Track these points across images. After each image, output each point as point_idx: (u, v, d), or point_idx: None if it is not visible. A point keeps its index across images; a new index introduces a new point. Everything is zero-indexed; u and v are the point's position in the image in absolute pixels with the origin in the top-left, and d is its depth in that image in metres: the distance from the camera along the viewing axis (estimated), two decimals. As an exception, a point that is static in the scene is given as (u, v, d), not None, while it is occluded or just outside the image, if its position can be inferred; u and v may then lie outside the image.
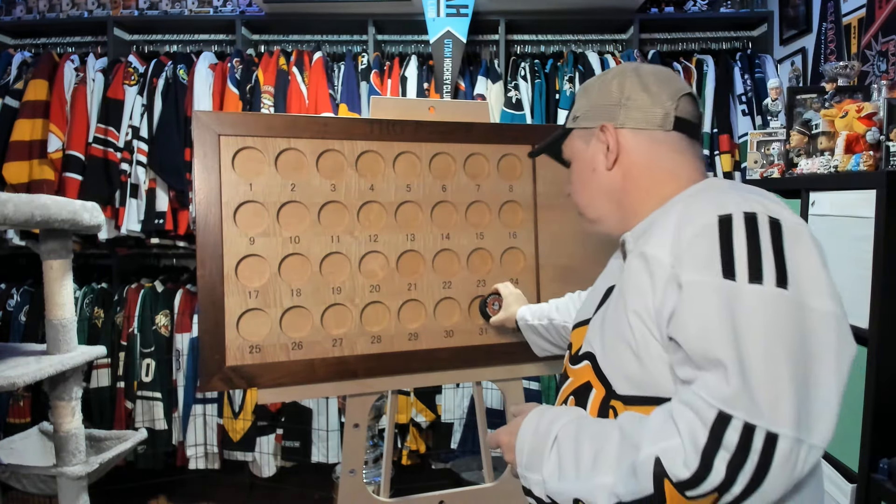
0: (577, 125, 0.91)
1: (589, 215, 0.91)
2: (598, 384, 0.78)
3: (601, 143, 0.87)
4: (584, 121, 0.90)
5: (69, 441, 1.49)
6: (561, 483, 0.70)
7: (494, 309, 1.34)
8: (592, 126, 0.88)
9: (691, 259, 0.65)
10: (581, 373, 0.83)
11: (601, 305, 0.85)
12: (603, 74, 0.90)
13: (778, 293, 0.61)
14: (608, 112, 0.86)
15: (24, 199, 1.34)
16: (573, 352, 0.88)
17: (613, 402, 0.75)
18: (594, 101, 0.89)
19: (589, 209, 0.91)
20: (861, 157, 1.48)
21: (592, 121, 0.88)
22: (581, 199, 0.92)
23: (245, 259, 1.21)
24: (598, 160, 0.87)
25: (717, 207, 0.68)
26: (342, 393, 1.28)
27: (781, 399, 0.57)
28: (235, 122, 1.23)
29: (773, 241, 0.64)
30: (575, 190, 0.93)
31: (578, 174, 0.91)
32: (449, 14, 2.61)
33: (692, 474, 0.57)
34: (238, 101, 2.58)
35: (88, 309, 2.63)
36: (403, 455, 2.62)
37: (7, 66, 2.71)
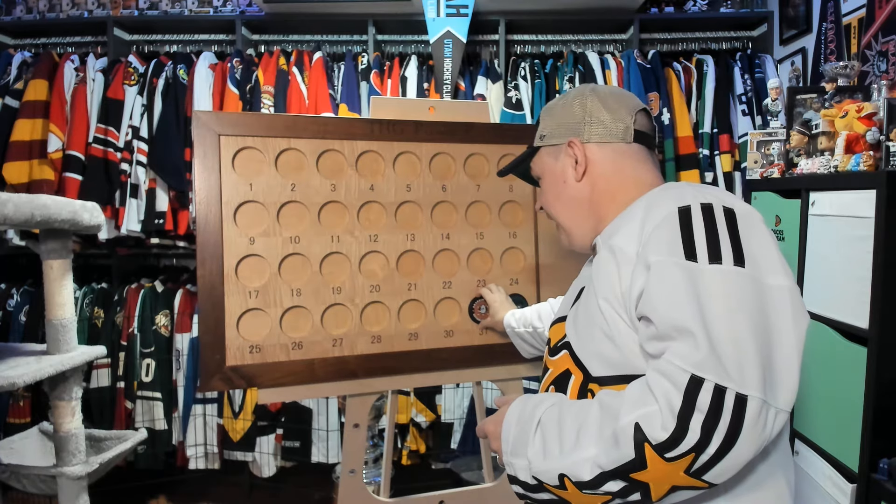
0: (544, 143, 0.98)
1: (564, 224, 0.97)
2: (576, 370, 0.83)
3: (570, 158, 0.93)
4: (552, 139, 0.96)
5: (69, 441, 1.49)
6: (546, 462, 0.73)
7: (481, 312, 1.35)
8: (560, 142, 0.95)
9: (656, 244, 0.71)
10: (560, 362, 0.88)
11: (575, 303, 0.91)
12: (563, 97, 0.98)
13: (736, 270, 0.67)
14: (573, 129, 0.93)
15: (24, 199, 1.34)
16: (551, 345, 0.93)
17: (591, 385, 0.80)
18: (559, 120, 0.96)
19: (563, 218, 0.96)
20: (861, 157, 1.48)
21: (560, 138, 0.95)
22: (554, 210, 0.98)
23: (245, 259, 1.21)
24: (567, 173, 0.94)
25: (677, 200, 0.74)
26: (342, 393, 1.28)
27: (747, 364, 0.62)
28: (235, 122, 1.23)
29: (728, 227, 0.70)
30: (547, 202, 0.99)
31: (550, 187, 0.97)
32: (449, 14, 2.61)
33: (669, 435, 0.61)
34: (238, 101, 2.58)
35: (88, 309, 2.63)
36: (403, 455, 2.62)
37: (7, 66, 2.71)
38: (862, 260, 1.38)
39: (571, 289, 1.01)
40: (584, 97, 0.94)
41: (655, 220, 0.74)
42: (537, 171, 1.01)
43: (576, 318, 0.87)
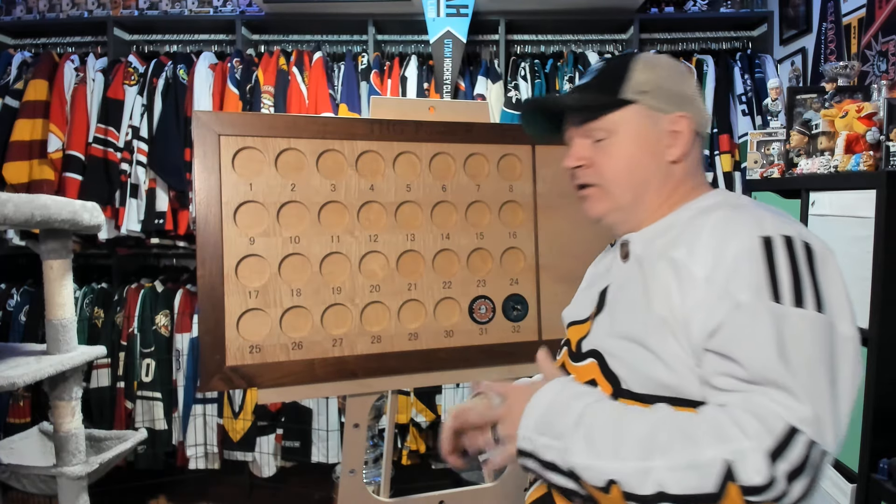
0: (643, 101, 0.83)
1: (623, 200, 0.85)
2: (605, 382, 0.79)
3: (675, 133, 0.83)
4: (656, 100, 0.83)
5: (69, 441, 1.49)
6: (592, 459, 0.68)
7: (481, 313, 1.35)
8: (668, 109, 0.83)
9: (741, 280, 0.68)
10: (585, 370, 0.83)
11: (602, 304, 0.86)
12: (668, 58, 0.87)
13: (818, 317, 0.66)
14: (685, 103, 0.84)
15: (24, 199, 1.34)
16: (573, 349, 0.89)
17: (622, 399, 0.76)
18: (670, 85, 0.84)
19: (626, 193, 0.84)
20: (861, 157, 1.48)
21: (668, 104, 0.83)
22: (617, 176, 0.84)
23: (245, 259, 1.21)
24: (661, 146, 0.83)
25: (757, 227, 0.70)
26: (342, 393, 1.28)
27: (829, 417, 0.63)
28: (235, 122, 1.23)
29: (808, 266, 0.68)
30: (614, 167, 0.84)
31: (628, 151, 0.83)
32: (449, 14, 2.61)
33: (762, 482, 0.60)
34: (238, 101, 2.58)
35: (88, 309, 2.63)
36: (403, 455, 2.62)
37: (7, 66, 2.71)
38: (862, 260, 1.38)
39: (586, 285, 0.96)
40: (691, 74, 0.83)
41: (737, 247, 0.69)
42: (607, 126, 0.84)
43: (612, 326, 0.82)
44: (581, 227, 1.44)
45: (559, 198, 1.43)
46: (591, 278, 0.98)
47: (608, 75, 0.86)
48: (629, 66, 0.85)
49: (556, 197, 1.43)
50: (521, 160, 1.42)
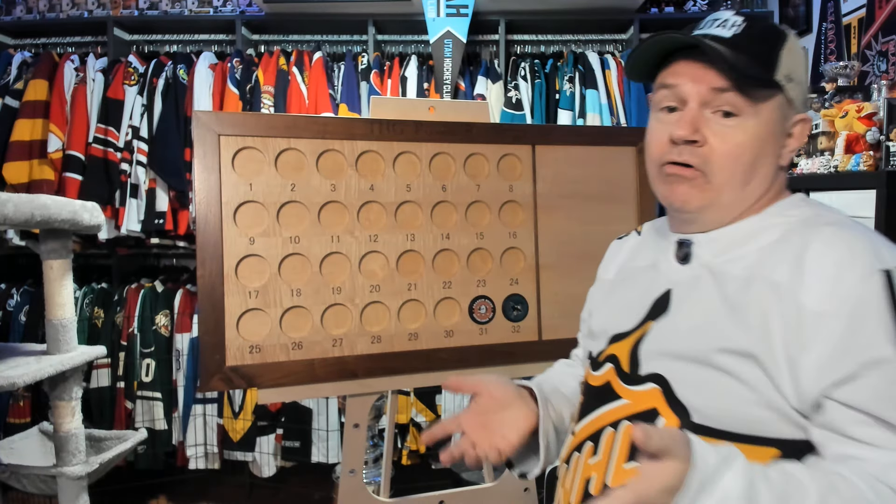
0: (788, 91, 0.70)
1: (722, 194, 0.71)
2: (671, 413, 0.68)
3: (795, 135, 0.73)
4: (795, 93, 0.71)
5: (69, 441, 1.49)
6: None
7: (481, 313, 1.35)
8: (799, 108, 0.73)
9: (875, 327, 0.60)
10: (645, 398, 0.72)
11: (661, 313, 0.74)
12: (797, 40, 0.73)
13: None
14: (805, 101, 0.74)
15: (24, 199, 1.34)
16: (624, 367, 0.76)
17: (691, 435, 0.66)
18: (803, 77, 0.73)
19: (729, 187, 0.71)
20: (861, 157, 1.48)
21: (800, 100, 0.73)
22: (732, 168, 0.70)
23: (245, 259, 1.21)
24: (779, 146, 0.73)
25: (875, 257, 0.62)
26: (342, 393, 1.28)
27: None
28: (235, 122, 1.23)
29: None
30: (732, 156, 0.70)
31: (756, 142, 0.70)
32: (449, 14, 2.61)
33: None
34: (238, 101, 2.58)
35: (88, 309, 2.63)
36: (403, 455, 2.62)
37: (7, 66, 2.71)
38: (862, 260, 1.38)
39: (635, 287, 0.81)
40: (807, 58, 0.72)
41: (859, 282, 0.61)
42: (747, 104, 0.69)
43: (673, 345, 0.71)
44: (581, 226, 1.44)
45: (559, 198, 1.43)
46: (629, 275, 0.85)
47: (763, 45, 0.70)
48: (780, 43, 0.71)
49: (556, 197, 1.43)
50: (521, 160, 1.42)
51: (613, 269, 0.92)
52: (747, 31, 0.70)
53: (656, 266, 0.80)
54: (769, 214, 0.73)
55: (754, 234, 0.71)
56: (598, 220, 1.45)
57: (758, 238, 0.70)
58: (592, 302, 0.97)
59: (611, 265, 0.94)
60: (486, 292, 1.37)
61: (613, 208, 1.46)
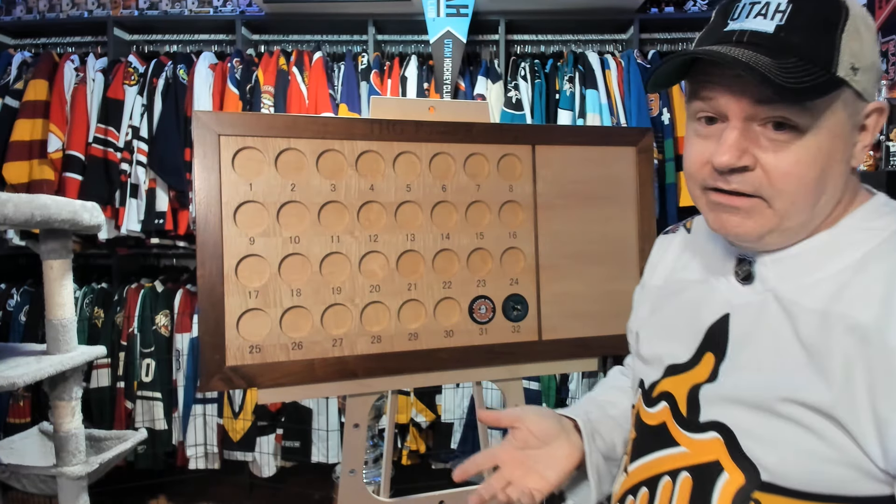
0: (855, 83, 0.56)
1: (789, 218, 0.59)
2: (735, 469, 0.60)
3: (866, 129, 0.60)
4: (865, 81, 0.57)
5: (69, 441, 1.49)
6: None
7: (481, 313, 1.35)
8: (868, 97, 0.58)
9: None
10: (707, 448, 0.63)
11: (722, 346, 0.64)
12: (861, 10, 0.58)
13: None
14: (878, 84, 0.60)
15: (24, 199, 1.34)
16: (682, 410, 0.66)
17: (759, 493, 0.58)
18: (872, 56, 0.57)
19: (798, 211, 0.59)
20: (861, 157, 1.49)
21: (873, 87, 0.58)
22: (799, 191, 0.57)
23: (245, 259, 1.21)
24: (849, 147, 0.59)
25: None
26: (342, 393, 1.28)
27: None
28: (235, 122, 1.23)
29: None
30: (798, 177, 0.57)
31: (825, 159, 0.57)
32: (449, 14, 2.61)
33: None
34: (238, 101, 2.58)
35: (88, 309, 2.63)
36: (403, 455, 2.62)
37: (7, 66, 2.71)
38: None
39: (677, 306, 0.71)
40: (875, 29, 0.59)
41: None
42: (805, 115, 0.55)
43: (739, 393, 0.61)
44: (581, 226, 1.44)
45: (559, 198, 1.43)
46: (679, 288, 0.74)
47: (816, 33, 0.55)
48: (838, 24, 0.56)
49: (556, 197, 1.43)
50: (521, 160, 1.42)
51: (661, 275, 0.81)
52: (794, 16, 0.55)
53: (710, 282, 0.69)
54: (848, 228, 0.60)
55: (830, 254, 0.59)
56: (598, 220, 1.45)
57: (835, 259, 0.58)
58: (639, 312, 0.85)
59: (658, 268, 0.83)
60: (486, 292, 1.37)
61: (613, 208, 1.46)
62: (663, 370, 0.71)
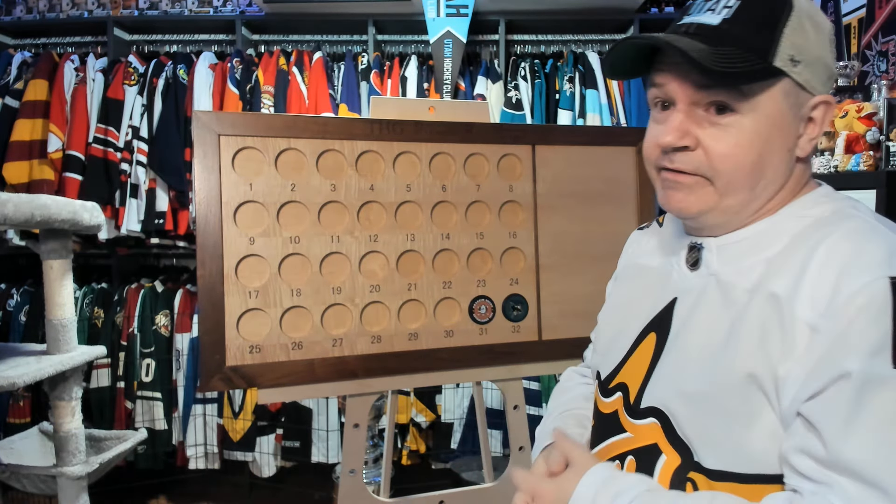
0: (795, 74, 0.61)
1: (727, 198, 0.63)
2: (672, 451, 0.63)
3: (808, 123, 0.63)
4: (809, 74, 0.61)
5: (69, 441, 1.49)
6: None
7: (481, 313, 1.35)
8: (811, 90, 0.62)
9: (859, 339, 0.52)
10: (645, 432, 0.67)
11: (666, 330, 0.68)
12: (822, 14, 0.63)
13: None
14: (827, 80, 0.62)
15: (24, 199, 1.34)
16: (631, 399, 0.71)
17: (693, 474, 0.61)
18: (822, 52, 0.62)
19: (735, 190, 0.63)
20: (861, 157, 1.48)
21: (818, 80, 0.62)
22: (736, 171, 0.62)
23: (245, 259, 1.21)
24: (793, 138, 0.62)
25: (886, 263, 0.53)
26: (342, 393, 1.28)
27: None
28: (235, 122, 1.23)
29: None
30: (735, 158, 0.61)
31: (763, 142, 0.61)
32: (449, 14, 2.61)
33: None
34: (238, 101, 2.58)
35: (88, 309, 2.63)
36: (403, 455, 2.62)
37: (7, 66, 2.71)
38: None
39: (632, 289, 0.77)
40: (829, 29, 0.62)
41: (858, 290, 0.52)
42: (742, 99, 0.60)
43: (676, 380, 0.65)
44: (581, 226, 1.44)
45: (559, 198, 1.43)
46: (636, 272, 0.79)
47: (759, 27, 0.60)
48: (782, 19, 0.61)
49: (556, 197, 1.43)
50: (521, 160, 1.42)
51: (623, 264, 0.86)
52: (740, 12, 0.61)
53: (665, 268, 0.74)
54: (784, 216, 0.64)
55: (766, 239, 0.63)
56: (598, 220, 1.45)
57: (768, 245, 0.62)
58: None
59: (623, 260, 0.88)
60: (486, 292, 1.37)
61: (613, 208, 1.46)
62: (617, 362, 0.75)
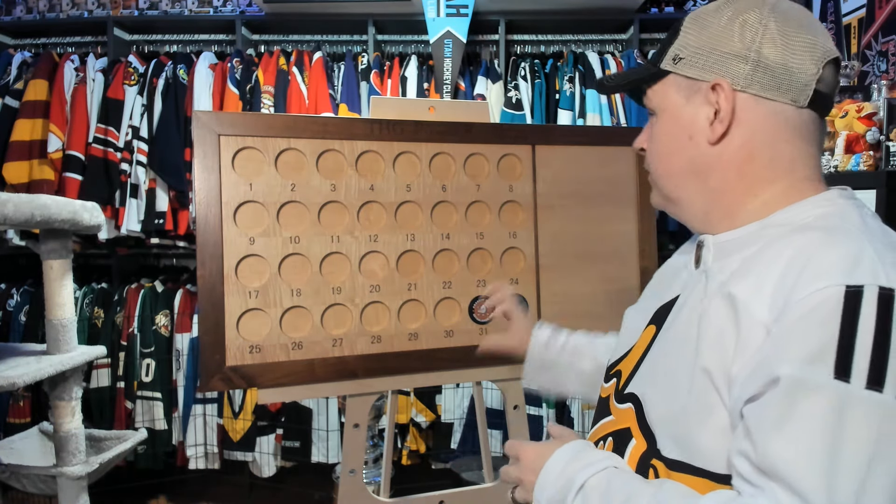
0: (677, 69, 0.67)
1: (666, 190, 0.71)
2: (640, 436, 0.66)
3: (708, 106, 0.66)
4: (690, 67, 0.66)
5: (69, 441, 1.49)
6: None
7: (481, 312, 1.34)
8: (702, 77, 0.66)
9: (799, 342, 0.51)
10: (623, 416, 0.70)
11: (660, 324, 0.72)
12: (726, 4, 0.66)
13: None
14: (726, 64, 0.64)
15: (24, 199, 1.34)
16: (620, 385, 0.74)
17: (655, 461, 0.63)
18: (708, 41, 0.65)
19: (668, 183, 0.71)
20: (861, 157, 1.48)
21: (702, 70, 0.66)
22: (660, 167, 0.71)
23: (245, 259, 1.21)
24: (698, 126, 0.67)
25: (847, 270, 0.52)
26: (342, 393, 1.28)
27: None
28: (235, 122, 1.23)
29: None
30: (655, 152, 0.72)
31: (666, 135, 0.70)
32: (449, 14, 2.61)
33: None
34: (238, 101, 2.58)
35: (88, 309, 2.63)
36: (403, 455, 2.62)
37: (7, 66, 2.71)
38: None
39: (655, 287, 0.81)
40: (759, 17, 0.63)
41: (810, 294, 0.52)
42: (655, 103, 0.71)
43: (653, 370, 0.69)
44: (581, 226, 1.44)
45: (559, 198, 1.43)
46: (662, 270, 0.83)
47: (667, 40, 0.70)
48: (679, 24, 0.69)
49: (556, 197, 1.43)
50: (521, 160, 1.42)
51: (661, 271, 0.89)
52: (672, 29, 0.71)
53: (681, 265, 0.76)
54: (772, 221, 0.64)
55: (750, 240, 0.64)
56: (598, 220, 1.45)
57: (750, 246, 0.63)
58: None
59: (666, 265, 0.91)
60: (486, 292, 1.37)
61: (613, 208, 1.46)
62: (622, 353, 0.79)
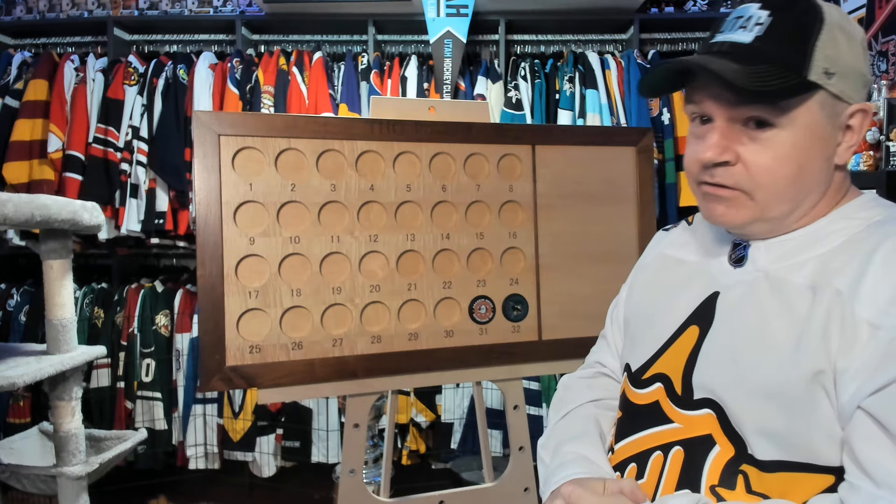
0: (830, 86, 0.61)
1: (769, 209, 0.65)
2: (726, 442, 0.64)
3: (848, 131, 0.64)
4: (843, 84, 0.62)
5: (69, 441, 1.49)
6: None
7: (481, 313, 1.35)
8: (853, 98, 0.63)
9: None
10: (699, 423, 0.67)
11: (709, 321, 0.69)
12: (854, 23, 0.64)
13: None
14: (865, 86, 0.63)
15: (24, 199, 1.34)
16: (678, 390, 0.70)
17: (745, 466, 0.62)
18: (855, 62, 0.63)
19: (777, 202, 0.65)
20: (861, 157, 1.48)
21: (854, 90, 0.63)
22: (776, 184, 0.63)
23: (245, 259, 1.21)
24: (832, 146, 0.64)
25: None
26: (342, 393, 1.28)
27: None
28: (235, 122, 1.23)
29: None
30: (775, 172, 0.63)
31: (801, 154, 0.63)
32: (449, 14, 2.61)
33: None
34: (238, 101, 2.58)
35: (88, 309, 2.63)
36: (403, 455, 2.62)
37: (7, 66, 2.71)
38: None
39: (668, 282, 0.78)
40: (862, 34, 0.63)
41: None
42: (779, 114, 0.62)
43: (727, 371, 0.65)
44: (581, 226, 1.44)
45: (559, 198, 1.43)
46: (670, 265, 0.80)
47: (791, 42, 0.62)
48: (813, 34, 0.61)
49: (556, 197, 1.43)
50: (521, 160, 1.42)
51: (651, 256, 0.87)
52: (772, 29, 0.62)
53: (703, 263, 0.74)
54: (833, 218, 0.66)
55: (817, 239, 0.65)
56: (598, 220, 1.45)
57: (821, 244, 0.64)
58: (626, 293, 0.90)
59: (650, 253, 0.89)
60: (486, 292, 1.37)
61: (613, 208, 1.46)
62: (651, 354, 0.75)
